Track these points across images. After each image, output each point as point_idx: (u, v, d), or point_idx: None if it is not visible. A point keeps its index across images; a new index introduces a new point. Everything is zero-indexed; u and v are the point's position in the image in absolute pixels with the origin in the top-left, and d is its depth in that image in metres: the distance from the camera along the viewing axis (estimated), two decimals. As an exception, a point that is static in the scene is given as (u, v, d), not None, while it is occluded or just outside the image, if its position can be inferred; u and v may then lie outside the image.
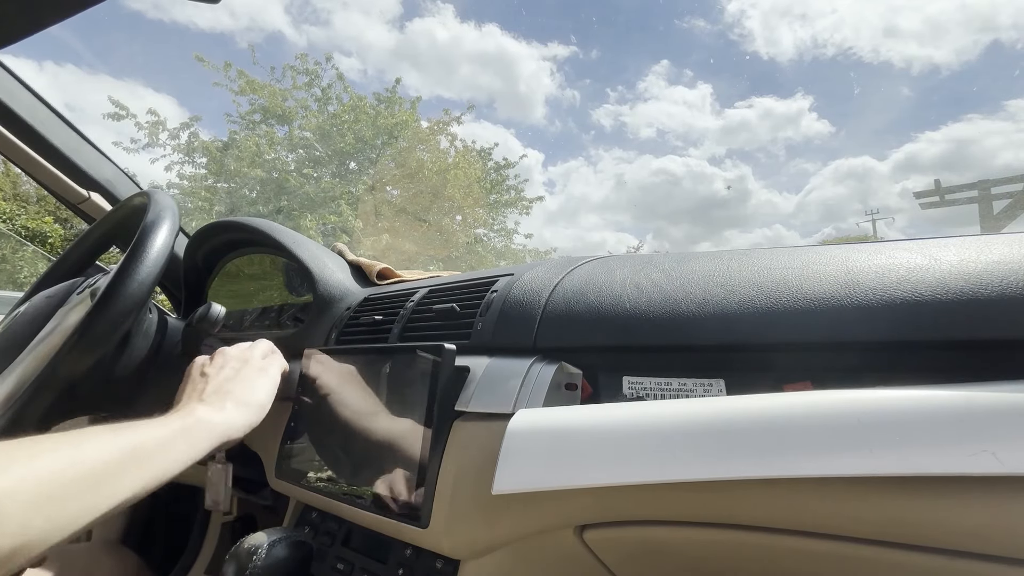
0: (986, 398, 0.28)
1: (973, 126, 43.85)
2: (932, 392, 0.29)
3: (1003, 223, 10.12)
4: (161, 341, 0.72)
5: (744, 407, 0.33)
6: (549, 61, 36.11)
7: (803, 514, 0.33)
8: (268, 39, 25.67)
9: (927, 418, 0.28)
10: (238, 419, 0.53)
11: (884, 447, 0.28)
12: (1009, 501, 0.27)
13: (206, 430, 0.50)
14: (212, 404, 0.52)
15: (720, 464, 0.32)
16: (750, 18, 41.14)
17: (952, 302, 0.34)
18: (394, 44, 29.36)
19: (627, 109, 36.24)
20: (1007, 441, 0.26)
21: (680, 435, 0.33)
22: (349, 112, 11.17)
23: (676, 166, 35.60)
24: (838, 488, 0.31)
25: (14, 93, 0.93)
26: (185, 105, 26.24)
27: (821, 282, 0.40)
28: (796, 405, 0.32)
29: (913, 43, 41.94)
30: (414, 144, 11.42)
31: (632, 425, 0.35)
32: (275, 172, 10.60)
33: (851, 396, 0.31)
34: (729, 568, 0.40)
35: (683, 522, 0.37)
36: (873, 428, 0.29)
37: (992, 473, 0.26)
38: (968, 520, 0.28)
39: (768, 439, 0.31)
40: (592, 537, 0.42)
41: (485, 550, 0.45)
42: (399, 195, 11.30)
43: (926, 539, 0.30)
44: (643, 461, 0.34)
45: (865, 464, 0.28)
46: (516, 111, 34.12)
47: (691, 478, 0.32)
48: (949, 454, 0.27)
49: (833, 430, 0.30)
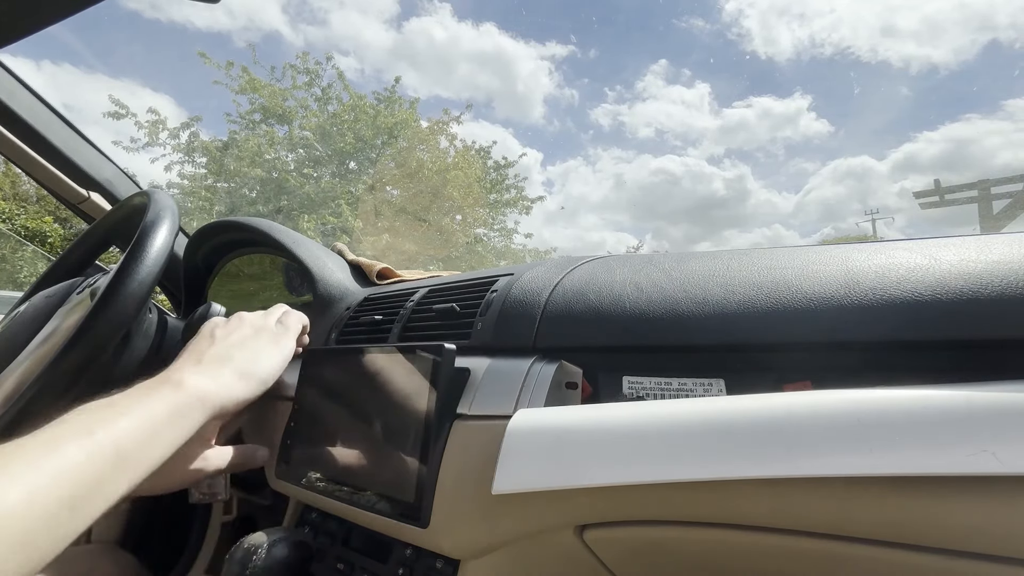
0: (986, 398, 0.28)
1: (972, 126, 43.92)
2: (932, 392, 0.29)
3: (1003, 223, 10.12)
4: (161, 341, 0.72)
5: (744, 407, 0.33)
6: (547, 60, 36.15)
7: (803, 514, 0.33)
8: (265, 39, 25.74)
9: (927, 418, 0.28)
10: (235, 390, 0.48)
11: (884, 447, 0.28)
12: (1009, 501, 0.27)
13: (197, 402, 0.45)
14: (208, 371, 0.48)
15: (720, 464, 0.32)
16: (748, 17, 41.19)
17: (952, 302, 0.34)
18: (392, 43, 29.41)
19: (625, 108, 36.29)
20: (1007, 441, 0.26)
21: (680, 435, 0.33)
22: (349, 112, 11.18)
23: (675, 166, 35.64)
24: (838, 488, 0.31)
25: (14, 93, 0.93)
26: (183, 105, 26.30)
27: (821, 282, 0.40)
28: (796, 405, 0.32)
29: (911, 42, 42.00)
30: (414, 144, 11.42)
31: (632, 425, 0.35)
32: (275, 172, 10.61)
33: (851, 396, 0.31)
34: (729, 568, 0.41)
35: (683, 522, 0.37)
36: (873, 428, 0.29)
37: (992, 473, 0.26)
38: (968, 520, 0.28)
39: (768, 439, 0.31)
40: (592, 537, 0.42)
41: (485, 550, 0.45)
42: (399, 195, 11.31)
43: (926, 539, 0.30)
44: (643, 461, 0.34)
45: (865, 464, 0.28)
46: (514, 110, 34.16)
47: (691, 478, 0.32)
48: (949, 454, 0.27)
49: (833, 430, 0.30)
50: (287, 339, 0.56)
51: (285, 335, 0.56)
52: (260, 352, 0.53)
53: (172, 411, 0.43)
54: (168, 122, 10.46)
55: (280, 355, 0.54)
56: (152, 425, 0.41)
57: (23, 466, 0.33)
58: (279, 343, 0.55)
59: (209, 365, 0.49)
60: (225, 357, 0.50)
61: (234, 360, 0.50)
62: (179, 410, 0.44)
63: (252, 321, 0.56)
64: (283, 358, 0.54)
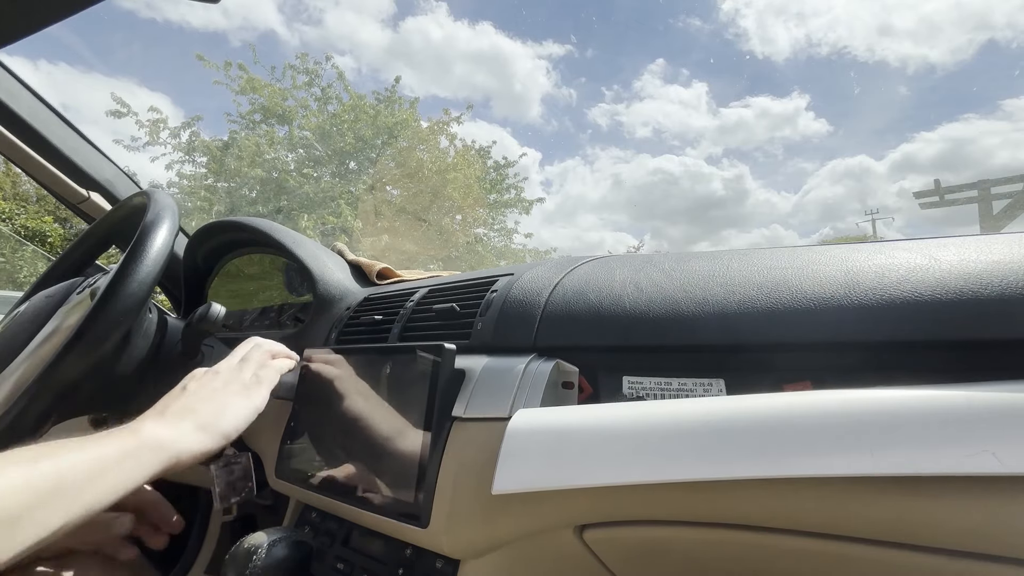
0: (986, 398, 0.28)
1: (970, 126, 43.84)
2: (932, 392, 0.29)
3: (1003, 223, 10.13)
4: (161, 341, 0.72)
5: (744, 407, 0.33)
6: (545, 60, 36.10)
7: (803, 514, 0.33)
8: (261, 38, 25.76)
9: (926, 418, 0.28)
10: (191, 442, 0.48)
11: (883, 447, 0.28)
12: (1009, 501, 0.27)
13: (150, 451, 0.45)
14: (170, 421, 0.49)
15: (720, 464, 0.32)
16: (745, 17, 41.11)
17: (952, 302, 0.34)
18: (388, 42, 29.39)
19: (623, 108, 36.23)
20: (1007, 441, 0.26)
21: (680, 435, 0.33)
22: (349, 112, 11.18)
23: (673, 165, 35.59)
24: (838, 488, 0.31)
25: (14, 93, 0.93)
26: (179, 104, 26.32)
27: (821, 282, 0.40)
28: (796, 405, 0.32)
29: (908, 42, 41.90)
30: (414, 144, 11.42)
31: (632, 425, 0.35)
32: (275, 172, 10.61)
33: (851, 396, 0.31)
34: (729, 568, 0.41)
35: (683, 522, 0.37)
36: (873, 428, 0.29)
37: (992, 473, 0.26)
38: (968, 520, 0.28)
39: (768, 439, 0.31)
40: (592, 537, 0.42)
41: (485, 550, 0.45)
42: (399, 195, 11.31)
43: (926, 539, 0.30)
44: (643, 461, 0.34)
45: (865, 464, 0.28)
46: (512, 110, 34.11)
47: (691, 478, 0.32)
48: (948, 454, 0.27)
49: (833, 430, 0.30)
50: (259, 391, 0.56)
51: (257, 387, 0.56)
52: (227, 405, 0.53)
53: (123, 454, 0.44)
54: (168, 121, 10.48)
55: (248, 408, 0.54)
56: (100, 464, 0.42)
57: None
58: (249, 395, 0.55)
59: (172, 416, 0.50)
60: (189, 409, 0.51)
61: (197, 412, 0.51)
62: (131, 453, 0.44)
63: (225, 372, 0.56)
64: (252, 411, 0.54)
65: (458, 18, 34.73)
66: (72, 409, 0.66)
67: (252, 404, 0.55)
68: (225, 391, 0.54)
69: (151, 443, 0.46)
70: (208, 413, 0.51)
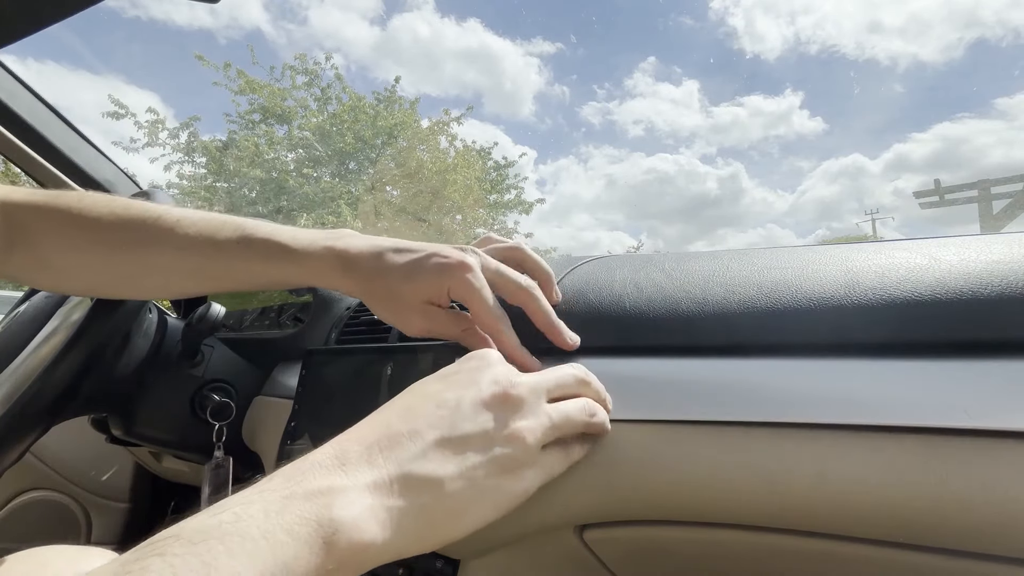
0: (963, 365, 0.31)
1: (963, 125, 43.75)
2: (915, 363, 0.33)
3: (1003, 223, 10.14)
4: (161, 341, 0.72)
5: (726, 367, 0.37)
6: (535, 57, 35.91)
7: (803, 514, 0.33)
8: (248, 36, 25.77)
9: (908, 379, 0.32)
10: (394, 551, 0.26)
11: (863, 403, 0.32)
12: (1010, 501, 0.27)
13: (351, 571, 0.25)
14: (383, 499, 0.26)
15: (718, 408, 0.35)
16: (734, 16, 41.06)
17: (952, 302, 0.34)
18: (375, 40, 29.36)
19: (615, 106, 35.96)
20: (979, 400, 0.29)
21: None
22: (349, 112, 11.19)
23: (667, 164, 35.39)
24: (838, 488, 0.31)
25: (14, 93, 0.93)
26: (169, 102, 26.38)
27: (821, 282, 0.40)
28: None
29: (898, 40, 41.73)
30: (414, 144, 11.42)
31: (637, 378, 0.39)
32: (274, 172, 10.61)
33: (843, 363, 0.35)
34: (729, 568, 0.41)
35: (683, 522, 0.38)
36: (857, 384, 0.33)
37: (960, 426, 0.28)
38: (968, 520, 0.28)
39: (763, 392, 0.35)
40: (592, 537, 0.42)
41: (485, 550, 0.45)
42: (399, 195, 11.32)
43: (926, 539, 0.30)
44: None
45: (847, 415, 0.31)
46: (504, 108, 33.92)
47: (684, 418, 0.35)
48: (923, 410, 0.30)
49: (820, 386, 0.34)
50: (535, 477, 0.32)
51: (535, 471, 0.32)
52: (482, 495, 0.29)
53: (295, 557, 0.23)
54: (166, 122, 10.49)
55: (504, 504, 0.30)
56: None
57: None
58: (520, 477, 0.31)
59: (388, 489, 0.27)
60: (426, 488, 0.28)
61: (436, 504, 0.28)
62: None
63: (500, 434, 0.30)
64: (518, 496, 0.31)
65: (445, 15, 34.54)
66: (72, 409, 0.66)
67: (512, 494, 0.31)
68: (488, 471, 0.29)
69: (346, 558, 0.24)
70: (451, 510, 0.28)
